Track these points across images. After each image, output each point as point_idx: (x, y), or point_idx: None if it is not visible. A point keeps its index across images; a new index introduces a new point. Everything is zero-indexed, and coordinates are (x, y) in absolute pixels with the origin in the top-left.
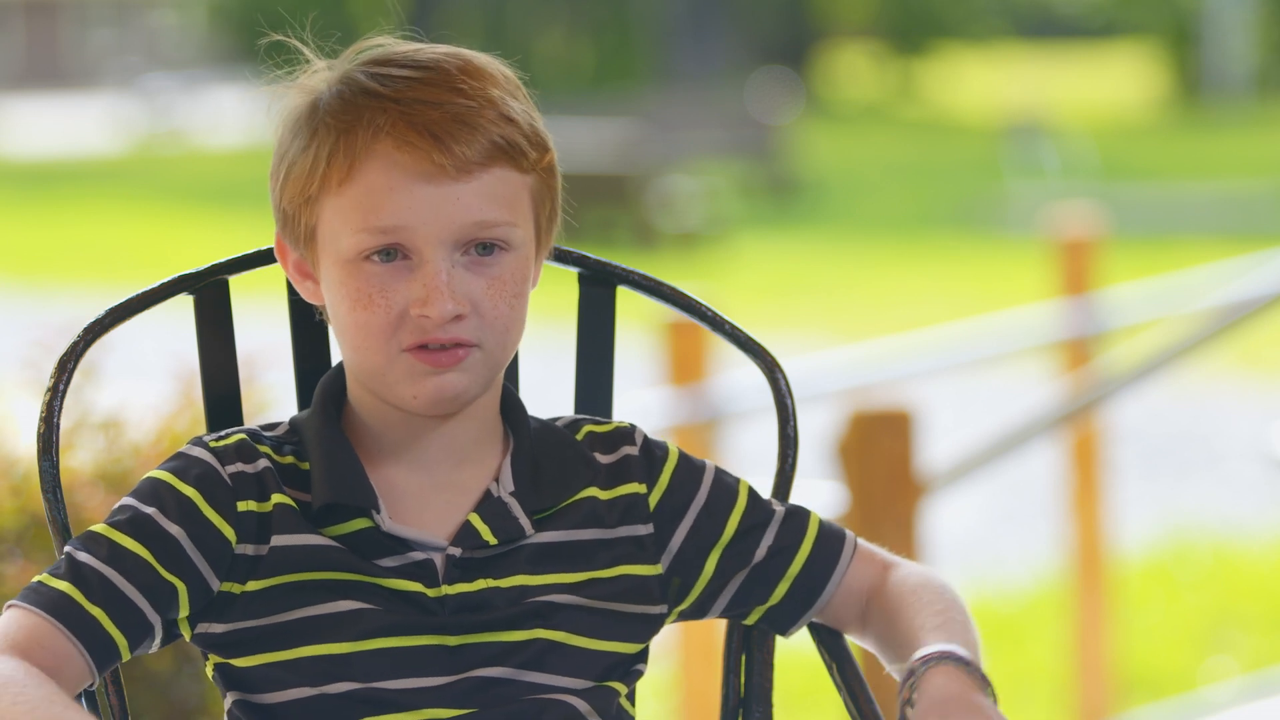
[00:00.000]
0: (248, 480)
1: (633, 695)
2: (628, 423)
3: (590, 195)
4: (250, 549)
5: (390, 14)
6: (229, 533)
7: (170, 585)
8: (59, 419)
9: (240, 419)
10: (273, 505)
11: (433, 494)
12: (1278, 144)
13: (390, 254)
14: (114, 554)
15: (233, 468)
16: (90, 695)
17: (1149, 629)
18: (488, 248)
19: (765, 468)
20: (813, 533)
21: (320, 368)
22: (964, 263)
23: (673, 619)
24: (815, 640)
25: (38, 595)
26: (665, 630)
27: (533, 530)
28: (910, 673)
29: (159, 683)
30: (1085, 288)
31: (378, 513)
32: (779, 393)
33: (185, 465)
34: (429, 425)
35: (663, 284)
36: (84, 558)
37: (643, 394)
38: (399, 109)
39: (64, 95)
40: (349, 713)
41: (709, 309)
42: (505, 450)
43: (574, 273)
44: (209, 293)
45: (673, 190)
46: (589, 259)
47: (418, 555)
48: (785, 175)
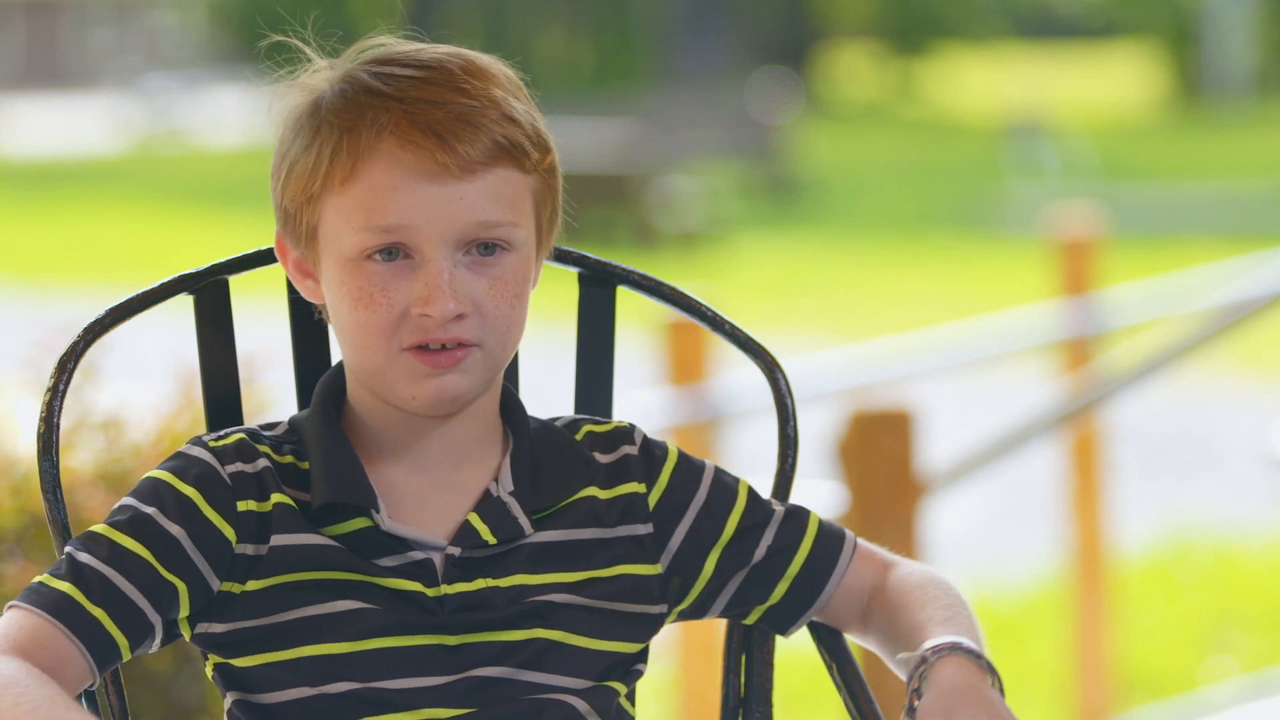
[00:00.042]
0: (247, 480)
1: (632, 695)
2: (627, 422)
3: (590, 195)
4: (250, 549)
5: (390, 14)
6: (229, 532)
7: (171, 585)
8: (59, 419)
9: (240, 419)
10: (272, 505)
11: (432, 494)
12: (1278, 144)
13: (392, 253)
14: (114, 554)
15: (232, 467)
16: (90, 695)
17: (1149, 629)
18: (489, 248)
19: (765, 468)
20: (812, 532)
21: (320, 368)
22: (964, 263)
23: (672, 619)
24: (815, 640)
25: (39, 596)
26: (665, 630)
27: (532, 530)
28: (921, 660)
29: (159, 683)
30: (1085, 288)
31: (377, 512)
32: (779, 393)
33: (185, 465)
34: (429, 425)
35: (663, 284)
36: (85, 558)
37: (643, 394)
38: (402, 108)
39: (64, 95)
40: (348, 712)
41: (709, 309)
42: (505, 450)
43: (574, 273)
44: (209, 293)
45: (673, 190)
46: (589, 259)
47: (417, 555)
48: (785, 175)
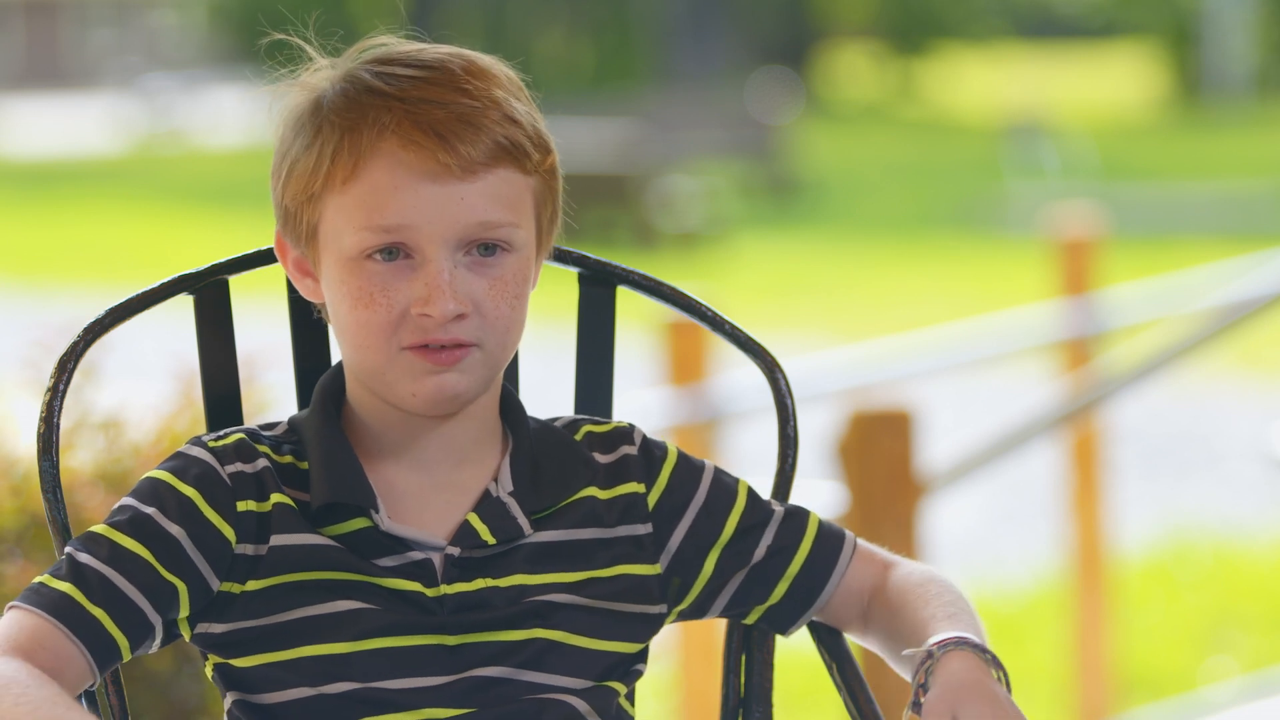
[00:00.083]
0: (247, 480)
1: (632, 695)
2: (626, 423)
3: (590, 195)
4: (250, 549)
5: (391, 14)
6: (229, 533)
7: (171, 585)
8: (59, 419)
9: (240, 419)
10: (272, 505)
11: (432, 494)
12: (1278, 144)
13: (392, 253)
14: (115, 554)
15: (232, 467)
16: (90, 695)
17: (1149, 629)
18: (490, 248)
19: (765, 468)
20: (812, 533)
21: (320, 368)
22: (964, 263)
23: (672, 619)
24: (815, 640)
25: (39, 596)
26: (665, 630)
27: (531, 530)
28: (928, 655)
29: (159, 683)
30: (1085, 288)
31: (376, 512)
32: (779, 393)
33: (184, 465)
34: (428, 425)
35: (663, 284)
36: (85, 558)
37: (643, 394)
38: (404, 108)
39: (64, 95)
40: (348, 712)
41: (709, 309)
42: (504, 450)
43: (574, 273)
44: (209, 293)
45: (673, 190)
46: (589, 259)
47: (416, 555)
48: (785, 175)
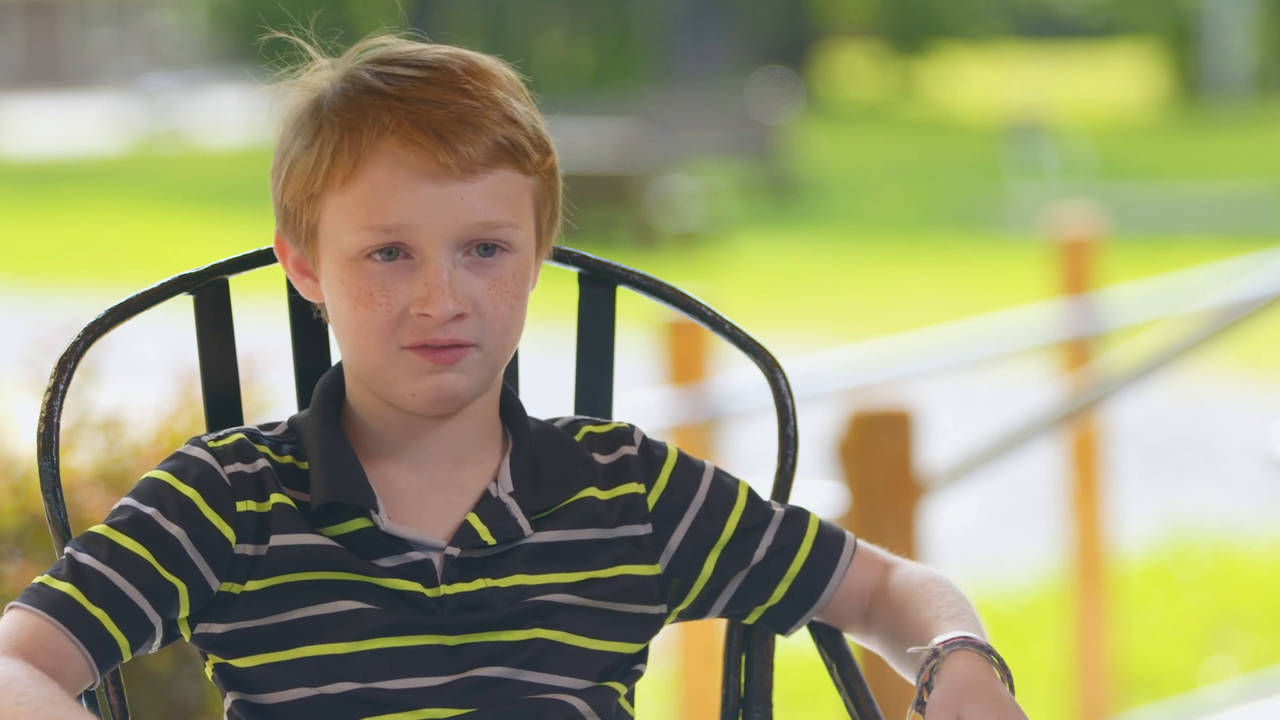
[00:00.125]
0: (246, 480)
1: (632, 695)
2: (626, 423)
3: (590, 195)
4: (250, 549)
5: (391, 14)
6: (228, 533)
7: (171, 586)
8: (59, 419)
9: (240, 419)
10: (272, 505)
11: (432, 494)
12: (1278, 144)
13: (392, 253)
14: (115, 555)
15: (231, 468)
16: (91, 695)
17: (1149, 629)
18: (489, 248)
19: (765, 468)
20: (812, 533)
21: (320, 368)
22: (964, 263)
23: (672, 619)
24: (815, 640)
25: (39, 596)
26: (665, 630)
27: (531, 530)
28: (933, 654)
29: (159, 683)
30: (1085, 288)
31: (376, 512)
32: (779, 393)
33: (184, 465)
34: (428, 425)
35: (663, 284)
36: (85, 559)
37: (643, 394)
38: (404, 108)
39: (64, 95)
40: (348, 713)
41: (709, 309)
42: (504, 450)
43: (574, 273)
44: (209, 293)
45: (673, 190)
46: (589, 259)
47: (416, 555)
48: (785, 175)
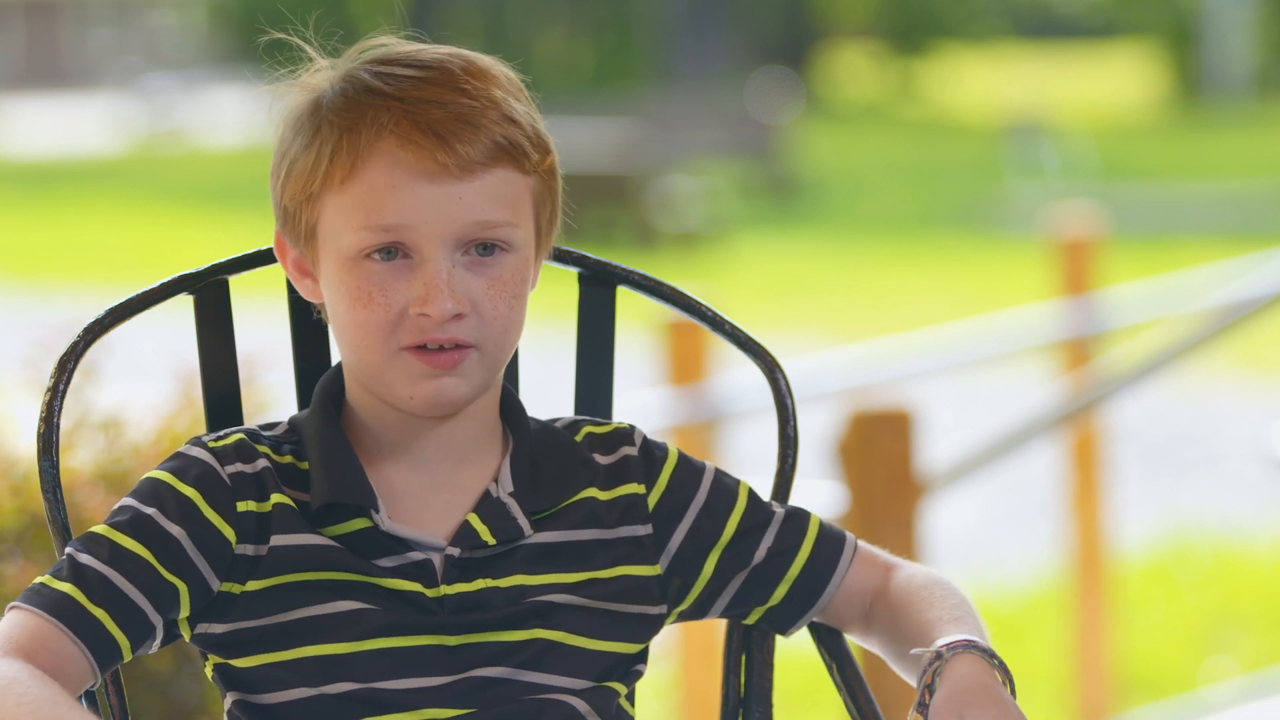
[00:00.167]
0: (247, 480)
1: (632, 695)
2: (627, 424)
3: (590, 195)
4: (250, 549)
5: (391, 14)
6: (229, 533)
7: (172, 586)
8: (59, 419)
9: (240, 419)
10: (272, 505)
11: (432, 494)
12: (1278, 144)
13: (391, 252)
14: (115, 555)
15: (232, 468)
16: (90, 695)
17: (1149, 629)
18: (488, 248)
19: (765, 468)
20: (813, 534)
21: (320, 368)
22: (964, 263)
23: (672, 619)
24: (815, 640)
25: (40, 597)
26: (665, 630)
27: (531, 531)
28: (936, 657)
29: (159, 683)
30: (1085, 288)
31: (377, 512)
32: (779, 393)
33: (184, 465)
34: (428, 425)
35: (663, 284)
36: (85, 559)
37: (643, 394)
38: (403, 107)
39: (64, 95)
40: (349, 713)
41: (709, 309)
42: (505, 450)
43: (574, 273)
44: (209, 293)
45: (673, 190)
46: (589, 259)
47: (416, 555)
48: (785, 175)
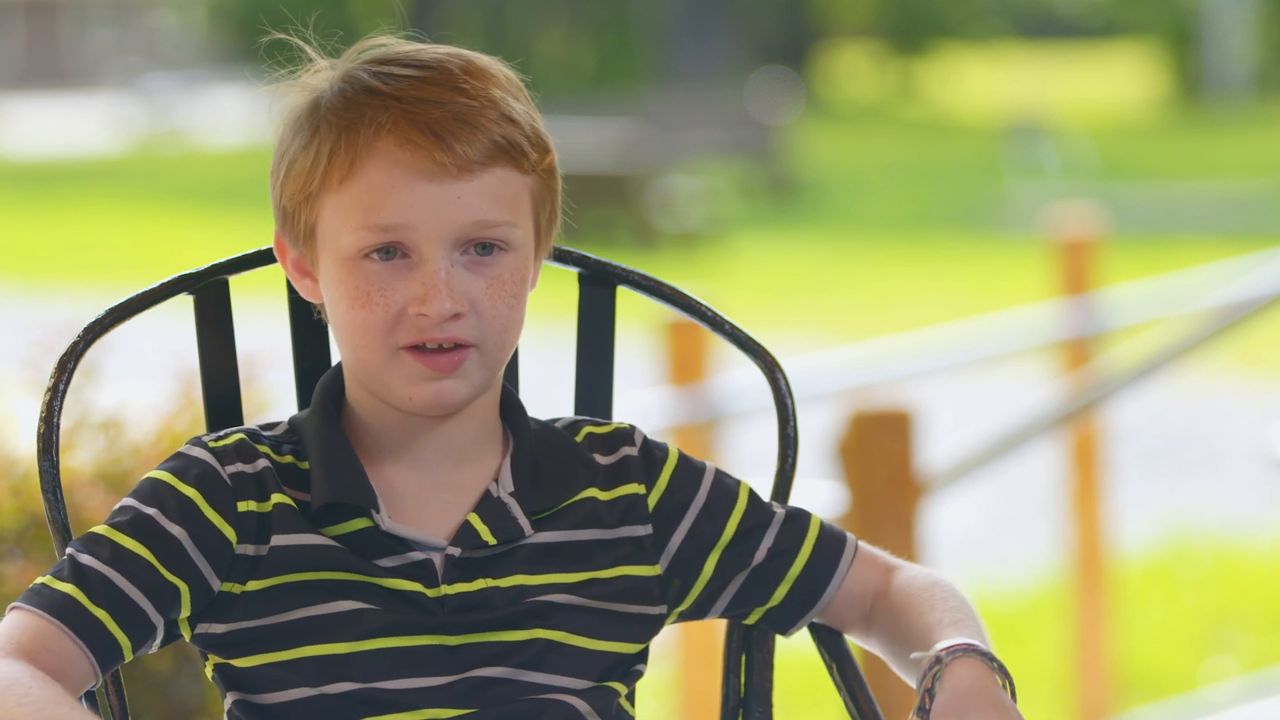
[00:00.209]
0: (247, 480)
1: (632, 695)
2: (627, 424)
3: (590, 195)
4: (250, 549)
5: (390, 14)
6: (229, 533)
7: (172, 586)
8: (59, 419)
9: (240, 419)
10: (272, 505)
11: (432, 494)
12: (1278, 144)
13: (390, 252)
14: (116, 555)
15: (232, 468)
16: (91, 695)
17: (1149, 629)
18: (487, 248)
19: (765, 468)
20: (813, 535)
21: (320, 368)
22: (964, 263)
23: (672, 620)
24: (815, 640)
25: (41, 597)
26: (665, 630)
27: (532, 530)
28: (936, 660)
29: (159, 683)
30: (1085, 288)
31: (377, 512)
32: (779, 393)
33: (185, 465)
34: (428, 425)
35: (663, 284)
36: (86, 559)
37: (643, 394)
38: (401, 107)
39: (64, 95)
40: (349, 713)
41: (709, 309)
42: (505, 450)
43: (574, 273)
44: (209, 293)
45: (673, 190)
46: (589, 259)
47: (417, 555)
48: (785, 175)
